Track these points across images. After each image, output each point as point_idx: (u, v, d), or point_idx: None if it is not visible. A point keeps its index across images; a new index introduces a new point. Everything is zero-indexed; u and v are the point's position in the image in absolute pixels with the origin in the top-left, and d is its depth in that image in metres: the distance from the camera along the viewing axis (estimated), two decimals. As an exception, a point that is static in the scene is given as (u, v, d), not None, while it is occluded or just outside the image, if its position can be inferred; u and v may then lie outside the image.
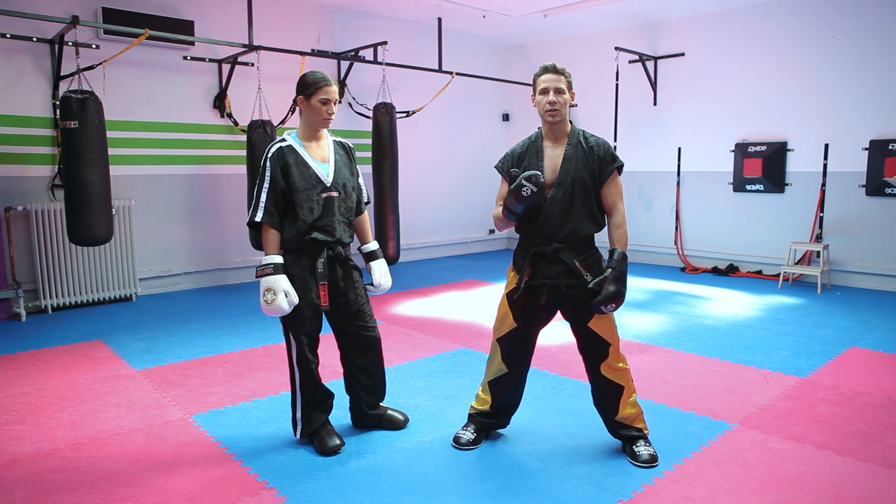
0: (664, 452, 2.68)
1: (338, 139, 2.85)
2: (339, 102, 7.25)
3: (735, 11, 6.87)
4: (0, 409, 3.23)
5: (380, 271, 2.89)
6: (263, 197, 2.61)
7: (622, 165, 2.59)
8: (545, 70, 2.56)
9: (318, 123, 2.69)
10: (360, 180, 2.90)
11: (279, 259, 2.60)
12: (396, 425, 2.97)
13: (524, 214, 2.52)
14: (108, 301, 5.70)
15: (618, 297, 2.44)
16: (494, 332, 2.76)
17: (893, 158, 5.95)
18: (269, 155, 2.64)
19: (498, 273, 7.25)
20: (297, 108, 2.71)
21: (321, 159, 2.71)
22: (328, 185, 2.68)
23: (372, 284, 2.88)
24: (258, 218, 2.61)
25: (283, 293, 2.54)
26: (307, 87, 2.65)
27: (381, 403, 3.00)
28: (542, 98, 2.55)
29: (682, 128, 7.45)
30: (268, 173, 2.62)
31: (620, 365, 2.63)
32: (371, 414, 2.95)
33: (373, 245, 2.93)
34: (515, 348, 2.71)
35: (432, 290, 6.32)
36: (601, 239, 2.57)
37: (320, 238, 2.65)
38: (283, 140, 2.69)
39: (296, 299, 2.58)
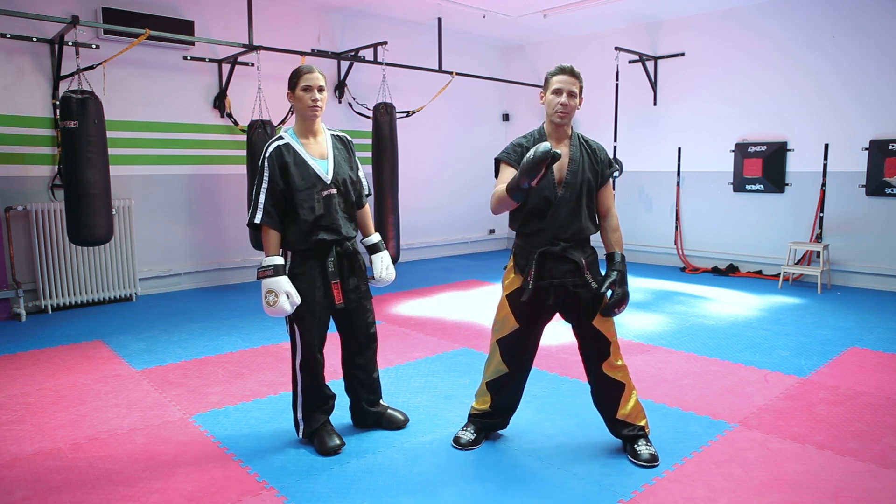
0: (664, 452, 2.68)
1: (335, 133, 2.81)
2: (339, 102, 7.25)
3: (735, 11, 6.87)
4: (0, 409, 3.23)
5: (382, 264, 2.88)
6: (262, 198, 2.59)
7: (619, 170, 2.66)
8: (561, 71, 2.55)
9: (305, 112, 2.64)
10: (361, 173, 2.86)
11: (280, 260, 2.59)
12: (396, 424, 2.97)
13: (531, 191, 2.39)
14: (108, 301, 5.70)
15: (625, 299, 2.55)
16: (494, 333, 2.75)
17: (893, 158, 5.95)
18: (267, 155, 2.61)
19: (498, 273, 7.24)
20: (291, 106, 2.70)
21: (319, 156, 2.68)
22: (328, 182, 2.66)
23: (374, 277, 2.88)
24: (257, 220, 2.59)
25: (284, 294, 2.52)
26: (291, 78, 2.66)
27: (381, 401, 3.01)
28: (553, 98, 2.54)
29: (682, 128, 7.45)
30: (266, 173, 2.59)
31: (620, 363, 2.65)
32: (371, 412, 2.96)
33: (375, 237, 2.92)
34: (516, 349, 2.71)
35: (432, 290, 6.32)
36: (596, 240, 2.60)
37: (327, 238, 2.64)
38: (281, 139, 2.65)
39: (297, 300, 2.57)
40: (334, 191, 2.67)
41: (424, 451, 2.75)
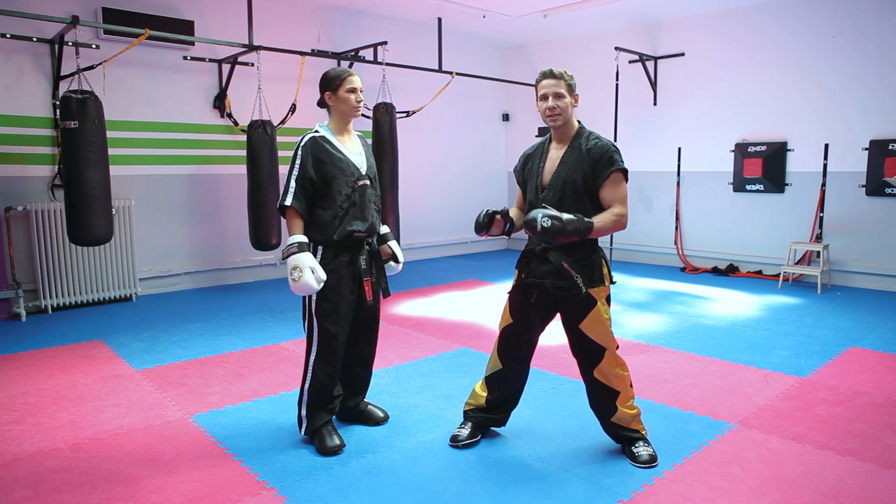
0: (664, 452, 2.68)
1: (360, 134, 2.94)
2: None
3: (735, 11, 6.87)
4: (0, 409, 3.23)
5: (398, 249, 3.01)
6: (293, 183, 2.66)
7: (625, 170, 2.53)
8: (544, 76, 2.58)
9: (349, 113, 2.75)
10: None
11: (303, 238, 2.64)
12: (375, 420, 3.02)
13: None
14: (108, 301, 5.70)
15: (553, 223, 2.34)
16: (499, 327, 2.80)
17: (893, 158, 5.95)
18: (302, 144, 2.69)
19: (498, 273, 7.25)
20: (326, 107, 2.79)
21: (355, 151, 2.80)
22: (363, 173, 2.77)
23: (396, 261, 2.98)
24: (288, 202, 2.65)
25: (308, 269, 2.56)
26: (332, 81, 2.73)
27: (364, 398, 3.09)
28: (542, 104, 2.58)
29: (682, 128, 7.45)
30: (298, 161, 2.67)
31: (618, 371, 2.61)
32: (352, 408, 3.02)
33: (384, 228, 3.02)
34: (510, 344, 2.73)
35: (432, 290, 6.32)
36: (603, 241, 2.59)
37: (360, 229, 2.72)
38: (317, 132, 2.74)
39: (323, 276, 2.61)
40: (368, 182, 2.79)
41: (424, 451, 2.75)
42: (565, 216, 2.39)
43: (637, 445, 2.64)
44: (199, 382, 3.62)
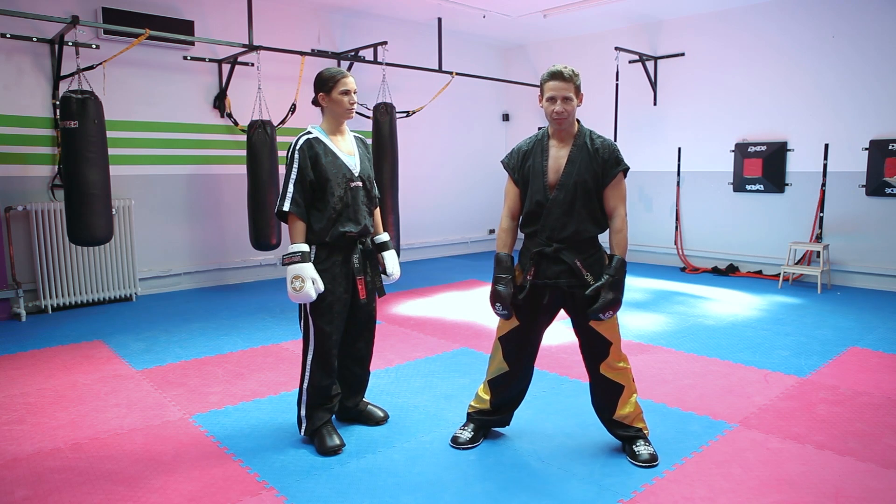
0: (664, 452, 2.68)
1: (356, 135, 2.93)
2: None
3: (735, 12, 6.87)
4: (0, 409, 3.23)
5: (392, 261, 2.98)
6: (291, 188, 2.66)
7: (627, 169, 2.58)
8: (552, 76, 2.52)
9: (343, 115, 2.76)
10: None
11: (306, 247, 2.65)
12: (375, 420, 3.02)
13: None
14: (108, 301, 5.70)
15: (614, 305, 2.49)
16: (497, 330, 2.78)
17: (893, 158, 5.95)
18: (297, 146, 2.68)
19: (498, 273, 7.23)
20: (320, 107, 2.79)
21: (347, 152, 2.79)
22: (356, 175, 2.76)
23: (385, 273, 2.96)
24: (286, 207, 2.65)
25: (310, 280, 2.59)
26: (326, 82, 2.72)
27: (363, 398, 3.09)
28: (548, 105, 2.54)
29: (682, 128, 7.45)
30: (296, 164, 2.67)
31: (621, 364, 2.64)
32: (352, 408, 3.02)
33: (385, 236, 3.00)
34: (517, 346, 2.72)
35: (432, 290, 6.32)
36: (603, 238, 2.59)
37: (352, 230, 2.72)
38: (309, 133, 2.74)
39: (321, 287, 2.63)
40: (360, 184, 2.78)
41: (424, 451, 2.75)
42: (614, 283, 2.49)
43: (637, 444, 2.64)
44: (199, 382, 3.62)
